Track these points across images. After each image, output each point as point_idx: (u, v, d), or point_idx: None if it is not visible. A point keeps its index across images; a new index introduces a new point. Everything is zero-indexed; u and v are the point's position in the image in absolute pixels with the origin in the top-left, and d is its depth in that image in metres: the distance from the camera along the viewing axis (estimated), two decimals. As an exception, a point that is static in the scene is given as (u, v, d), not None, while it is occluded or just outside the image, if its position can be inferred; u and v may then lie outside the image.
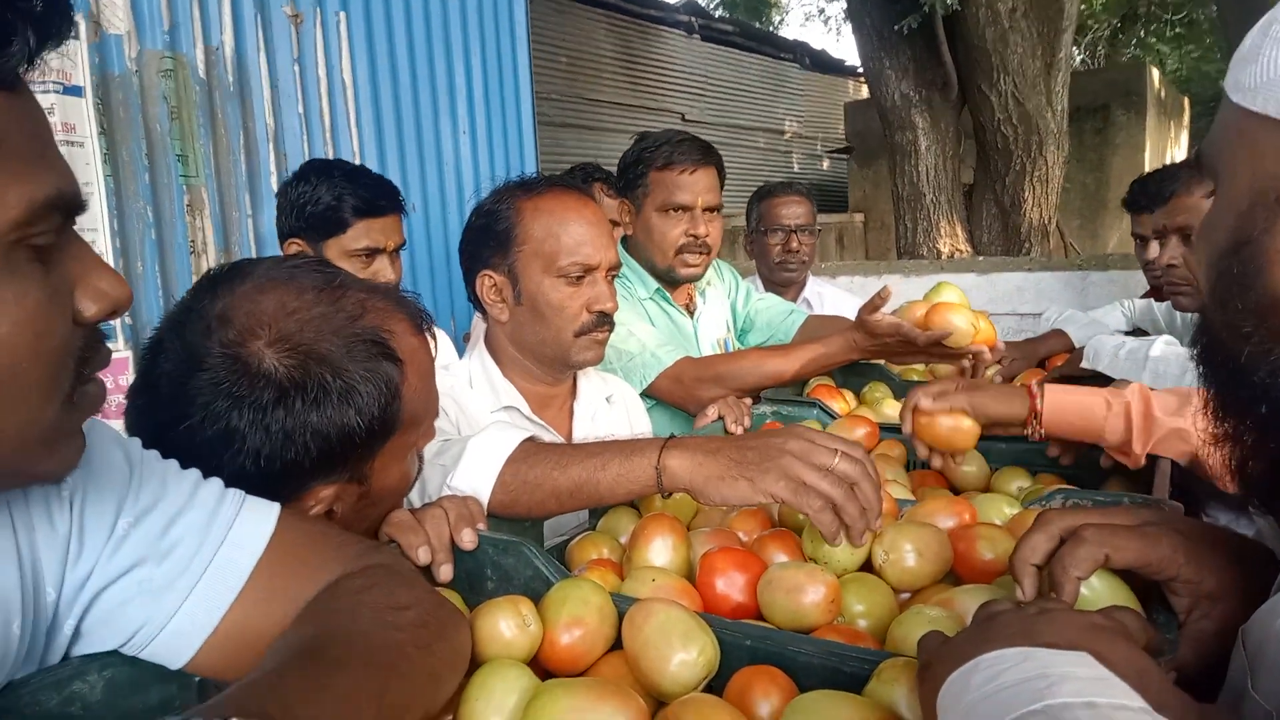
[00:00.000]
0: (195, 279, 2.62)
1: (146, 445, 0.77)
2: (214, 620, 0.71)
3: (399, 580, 0.77)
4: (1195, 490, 1.24)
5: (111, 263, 2.30)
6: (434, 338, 0.96)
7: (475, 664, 0.80)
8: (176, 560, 0.70)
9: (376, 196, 2.00)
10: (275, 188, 2.71)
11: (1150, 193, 2.25)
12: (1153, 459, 1.29)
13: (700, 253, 2.05)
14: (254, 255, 2.69)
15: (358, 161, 3.02)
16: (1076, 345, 2.27)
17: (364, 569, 0.76)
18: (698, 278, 2.11)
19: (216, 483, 0.76)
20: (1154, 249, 2.25)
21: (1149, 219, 2.29)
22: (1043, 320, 2.52)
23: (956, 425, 1.32)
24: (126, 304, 0.61)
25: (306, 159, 2.78)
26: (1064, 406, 1.28)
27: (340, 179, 1.97)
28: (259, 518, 0.75)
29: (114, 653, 0.70)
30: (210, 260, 2.59)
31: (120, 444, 0.73)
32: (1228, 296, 0.60)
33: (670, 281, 2.11)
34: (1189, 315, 2.04)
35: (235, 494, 0.76)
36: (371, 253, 1.99)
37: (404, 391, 0.86)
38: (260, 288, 0.83)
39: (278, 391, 0.79)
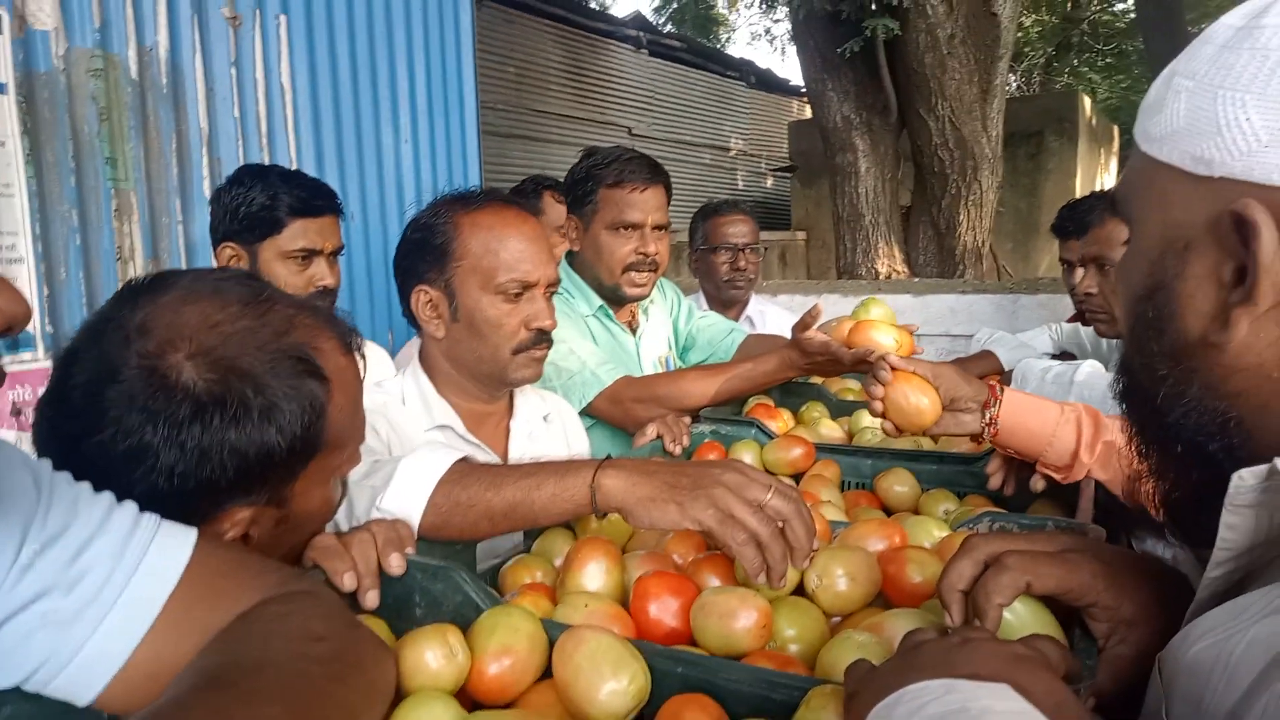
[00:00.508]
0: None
1: (57, 460, 0.73)
2: (125, 653, 0.67)
3: (317, 609, 0.74)
4: (1120, 514, 1.27)
5: (33, 268, 2.22)
6: (363, 358, 0.94)
7: (401, 695, 0.78)
8: (85, 590, 0.67)
9: (312, 196, 1.96)
10: (208, 193, 2.63)
11: (1076, 220, 2.33)
12: (1075, 484, 1.33)
13: (648, 271, 2.05)
14: (183, 263, 2.62)
15: (295, 167, 2.96)
16: (1005, 367, 2.33)
17: (282, 596, 0.74)
18: (644, 297, 2.11)
19: (130, 507, 0.73)
20: (1079, 274, 2.31)
21: (1076, 245, 2.35)
22: (973, 342, 2.58)
23: (919, 406, 1.34)
24: (23, 322, 0.58)
25: (241, 164, 2.73)
26: (1021, 406, 1.27)
27: (275, 179, 1.94)
28: (174, 545, 0.72)
29: (14, 690, 0.66)
30: (137, 268, 2.50)
31: (28, 466, 0.70)
32: (1143, 339, 0.62)
33: (616, 300, 2.11)
34: (1114, 340, 2.11)
35: (150, 519, 0.73)
36: (308, 254, 1.95)
37: (329, 412, 0.84)
38: (183, 298, 0.80)
39: (195, 406, 0.76)
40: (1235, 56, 0.55)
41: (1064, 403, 1.28)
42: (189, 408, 0.75)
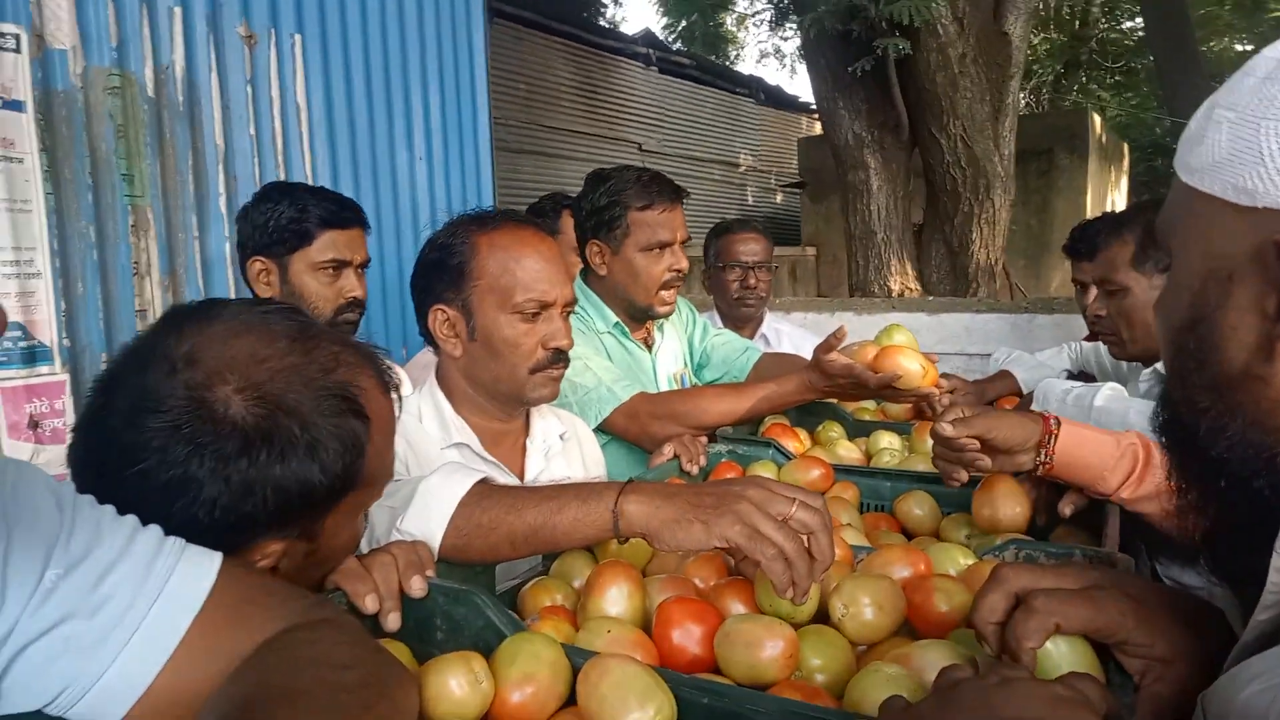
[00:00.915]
0: (137, 300, 2.54)
1: (91, 484, 0.73)
2: (147, 679, 0.67)
3: (343, 636, 0.74)
4: (1145, 540, 1.25)
5: (51, 283, 2.23)
6: (400, 397, 0.94)
7: (424, 722, 0.77)
8: (108, 615, 0.67)
9: (341, 209, 1.99)
10: (224, 209, 2.65)
11: (1087, 241, 2.29)
12: (1102, 507, 1.31)
13: (679, 285, 2.10)
14: (199, 278, 2.62)
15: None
16: (1023, 387, 2.32)
17: (307, 624, 0.73)
18: (671, 312, 2.13)
19: (155, 531, 0.72)
20: (1091, 295, 2.24)
21: (1087, 266, 2.32)
22: (991, 361, 2.56)
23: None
24: (1, 328, 0.58)
25: (257, 180, 2.74)
26: (1078, 440, 1.23)
27: (304, 194, 1.98)
28: (198, 570, 0.72)
29: (37, 713, 0.65)
30: (154, 283, 2.51)
31: (51, 490, 0.69)
32: (1185, 372, 0.61)
33: (643, 318, 2.13)
34: (1131, 362, 2.09)
35: (174, 543, 0.72)
36: (339, 266, 1.96)
37: (368, 451, 0.84)
38: (231, 330, 0.80)
39: (243, 441, 0.75)
40: (1276, 88, 0.54)
41: (1120, 433, 1.24)
42: (236, 442, 0.75)
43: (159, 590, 0.69)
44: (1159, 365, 1.78)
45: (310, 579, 0.90)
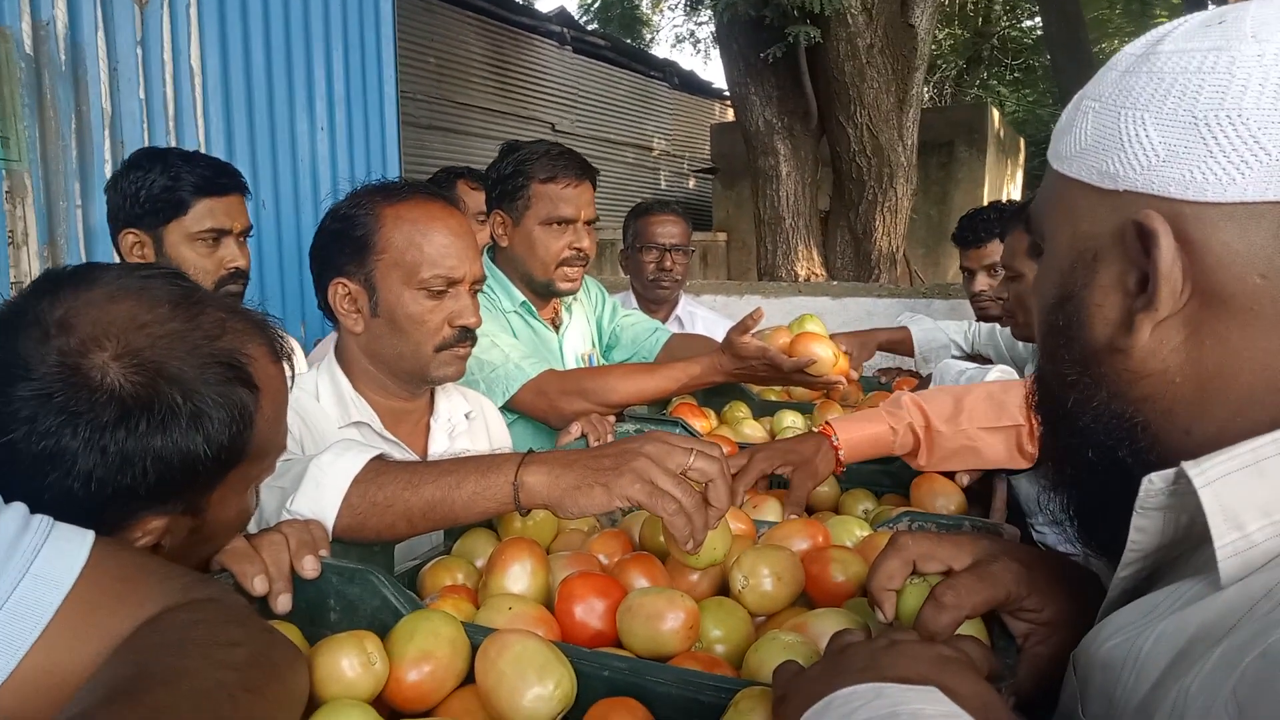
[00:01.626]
0: (13, 271, 2.39)
1: None
2: (12, 661, 0.63)
3: (229, 615, 0.71)
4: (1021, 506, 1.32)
5: (-89, 250, 2.07)
6: (292, 366, 0.90)
7: (315, 704, 0.75)
8: None
9: (217, 175, 1.88)
10: (109, 176, 2.51)
11: (974, 230, 2.58)
12: (991, 476, 1.38)
13: (580, 265, 2.05)
14: (81, 248, 2.48)
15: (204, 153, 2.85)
16: (915, 342, 2.56)
17: (190, 603, 0.70)
18: (575, 290, 2.11)
19: (19, 509, 0.68)
20: (980, 281, 2.59)
21: (974, 253, 2.60)
22: (897, 319, 2.76)
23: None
24: None
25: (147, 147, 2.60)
26: (855, 443, 1.41)
27: (176, 159, 1.86)
28: (69, 547, 0.68)
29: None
30: (31, 253, 2.36)
31: None
32: (1055, 348, 0.64)
33: (546, 294, 2.10)
34: (1030, 345, 2.21)
35: (42, 521, 0.68)
36: (217, 235, 1.87)
37: (257, 421, 0.80)
38: (110, 295, 0.76)
39: (120, 410, 0.71)
40: (1135, 79, 0.58)
41: (891, 412, 1.42)
42: (113, 411, 0.71)
43: (24, 569, 0.65)
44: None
45: (196, 557, 0.86)
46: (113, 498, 0.73)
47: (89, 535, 0.70)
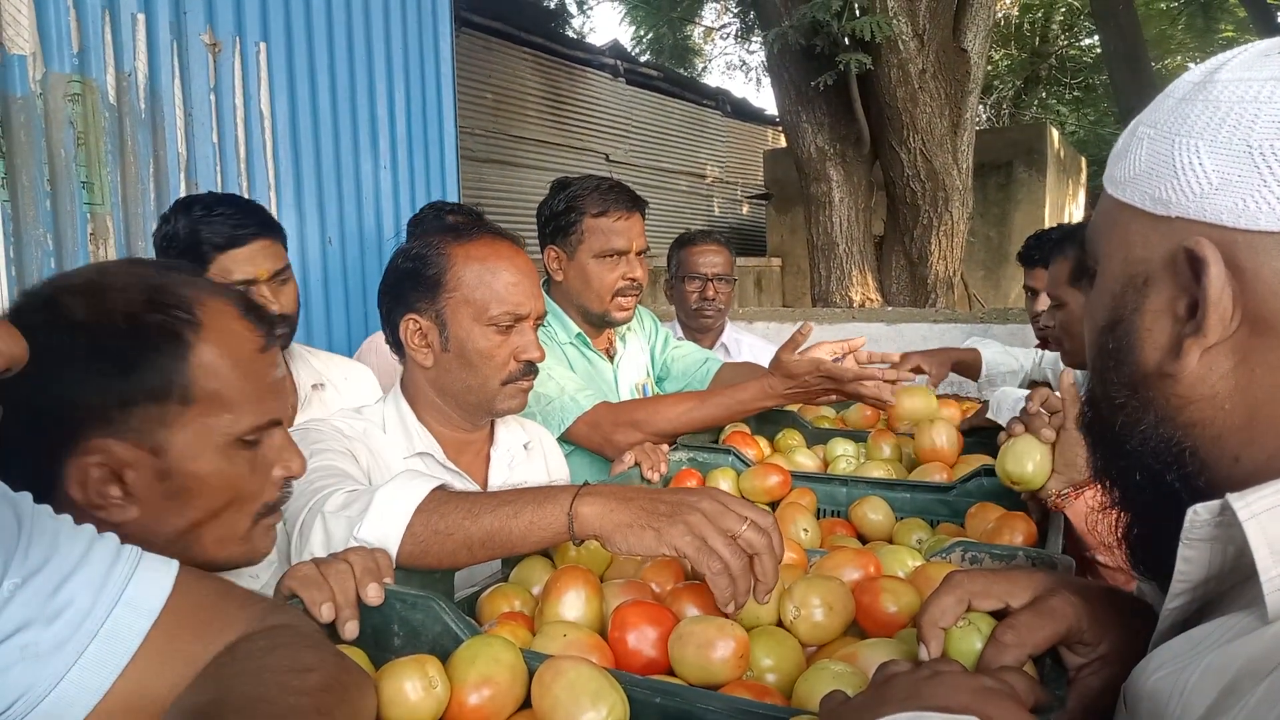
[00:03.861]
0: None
1: None
2: (104, 685, 0.67)
3: (303, 641, 0.75)
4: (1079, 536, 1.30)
5: (7, 292, 2.20)
6: (273, 328, 0.94)
7: (380, 726, 0.78)
8: (66, 622, 0.67)
9: (235, 227, 1.81)
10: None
11: (1041, 249, 2.51)
12: (1047, 512, 1.36)
13: (634, 294, 2.11)
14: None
15: (273, 194, 2.97)
16: (985, 366, 2.54)
17: (266, 629, 0.74)
18: (629, 320, 2.15)
19: (111, 540, 0.73)
20: (1042, 300, 2.46)
21: (1041, 273, 2.50)
22: (965, 342, 2.73)
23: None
24: (21, 361, 0.58)
25: (220, 189, 2.73)
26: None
27: (198, 212, 1.80)
28: (156, 576, 0.72)
29: (-9, 722, 0.66)
30: (112, 290, 2.48)
31: (8, 501, 0.70)
32: (1105, 371, 0.65)
33: (601, 325, 2.15)
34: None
35: (131, 551, 0.73)
36: (245, 285, 1.81)
37: (194, 356, 0.84)
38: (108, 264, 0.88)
39: (49, 316, 0.81)
40: (1191, 107, 0.58)
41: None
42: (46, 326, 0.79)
43: (117, 596, 0.69)
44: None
45: (176, 516, 0.86)
46: (48, 409, 0.79)
47: (173, 564, 0.74)
